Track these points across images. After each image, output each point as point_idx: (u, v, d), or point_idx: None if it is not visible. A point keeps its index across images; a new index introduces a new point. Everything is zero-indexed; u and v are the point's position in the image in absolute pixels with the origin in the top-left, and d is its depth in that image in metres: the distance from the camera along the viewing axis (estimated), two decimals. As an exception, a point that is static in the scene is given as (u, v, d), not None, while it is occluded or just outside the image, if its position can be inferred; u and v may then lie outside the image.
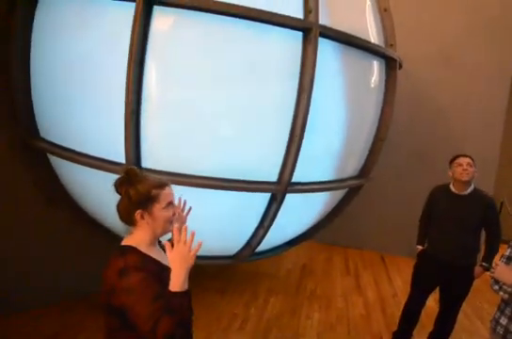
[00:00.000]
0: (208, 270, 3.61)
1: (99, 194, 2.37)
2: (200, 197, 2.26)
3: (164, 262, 1.18)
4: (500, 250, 2.28)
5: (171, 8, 2.01)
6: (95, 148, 2.27)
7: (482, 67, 4.12)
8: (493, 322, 1.57)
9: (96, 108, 2.18)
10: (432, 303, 2.62)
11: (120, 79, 2.00)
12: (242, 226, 2.45)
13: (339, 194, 2.80)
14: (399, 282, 3.73)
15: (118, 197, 1.19)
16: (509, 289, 1.45)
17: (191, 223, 2.34)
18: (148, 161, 2.18)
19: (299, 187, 2.31)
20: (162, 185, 1.18)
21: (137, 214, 1.15)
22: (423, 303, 2.50)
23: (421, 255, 2.50)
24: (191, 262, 1.07)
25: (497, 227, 2.31)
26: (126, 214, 1.17)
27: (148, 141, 2.15)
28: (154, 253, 1.19)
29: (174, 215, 1.21)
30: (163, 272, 1.13)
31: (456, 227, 2.28)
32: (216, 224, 2.37)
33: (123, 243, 1.18)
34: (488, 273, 1.65)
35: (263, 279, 3.66)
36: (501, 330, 1.51)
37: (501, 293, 1.49)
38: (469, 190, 2.29)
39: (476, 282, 2.38)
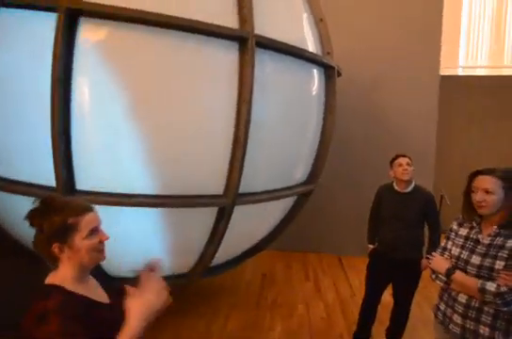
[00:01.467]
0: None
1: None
2: (145, 216, 2.18)
3: (96, 297, 1.08)
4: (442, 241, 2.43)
5: (100, 19, 1.94)
6: (23, 172, 2.11)
7: (413, 68, 4.41)
8: (435, 308, 1.67)
9: (23, 127, 2.03)
10: (389, 298, 2.71)
11: (47, 97, 1.88)
12: (191, 243, 2.39)
13: (289, 201, 2.84)
14: (357, 283, 3.85)
15: None
16: (444, 278, 1.54)
17: (137, 242, 2.27)
18: (83, 183, 2.06)
19: (247, 199, 2.30)
20: (81, 212, 1.07)
21: (54, 248, 1.03)
22: (378, 300, 2.61)
23: (372, 254, 2.62)
24: (150, 318, 0.95)
25: (437, 220, 2.49)
26: (43, 249, 1.05)
27: (81, 161, 2.03)
28: (84, 289, 1.07)
29: (102, 241, 1.10)
30: (94, 311, 1.03)
31: (402, 223, 2.42)
32: (164, 243, 2.29)
33: (47, 281, 1.06)
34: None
35: (223, 294, 3.59)
36: (440, 316, 1.60)
37: (437, 281, 1.60)
38: (410, 188, 2.44)
39: (426, 274, 2.51)
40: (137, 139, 2.03)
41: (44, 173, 2.00)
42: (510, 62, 5.88)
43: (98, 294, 1.12)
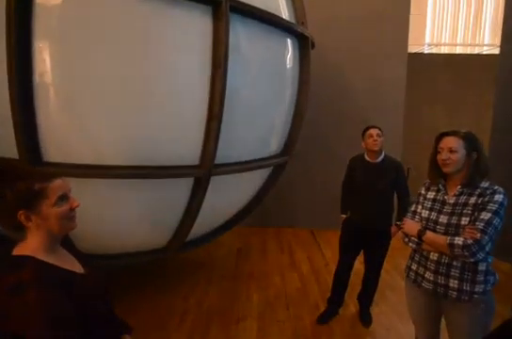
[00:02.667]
0: (142, 268, 3.45)
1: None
2: (118, 189, 2.12)
3: (69, 267, 1.03)
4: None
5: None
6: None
7: (383, 42, 4.54)
8: (406, 269, 1.78)
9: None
10: (359, 266, 2.86)
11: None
12: (167, 216, 2.37)
13: (264, 173, 2.86)
14: (330, 254, 4.01)
15: None
16: (415, 240, 1.63)
17: (111, 217, 2.22)
18: (50, 154, 1.96)
19: (223, 169, 2.29)
20: (48, 178, 1.01)
21: (20, 215, 0.96)
22: (350, 267, 2.74)
23: (344, 223, 2.73)
24: None
25: (406, 188, 2.62)
26: (6, 218, 0.98)
27: (48, 131, 1.92)
28: (56, 259, 1.01)
29: (72, 208, 1.04)
30: (70, 280, 0.99)
31: (374, 193, 2.53)
32: (140, 217, 2.25)
33: (15, 253, 0.98)
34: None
35: (199, 269, 3.63)
36: (412, 275, 1.71)
37: (410, 244, 1.69)
38: (380, 158, 2.54)
39: (394, 242, 2.65)
40: (109, 109, 1.94)
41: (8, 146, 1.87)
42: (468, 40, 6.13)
43: (71, 264, 1.07)
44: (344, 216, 2.75)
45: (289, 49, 2.67)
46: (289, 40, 2.66)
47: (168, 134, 2.09)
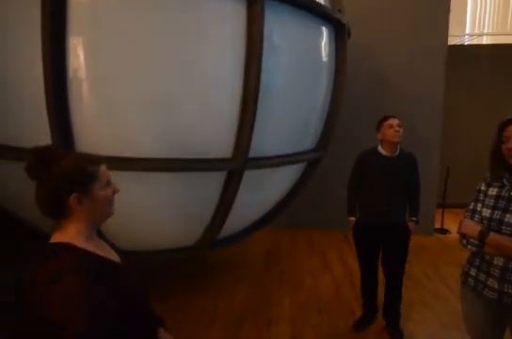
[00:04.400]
0: (169, 268, 3.43)
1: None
2: (149, 182, 2.08)
3: (108, 256, 1.00)
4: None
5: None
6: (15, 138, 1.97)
7: (422, 35, 4.34)
8: (464, 275, 1.61)
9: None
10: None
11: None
12: (199, 211, 2.32)
13: (299, 169, 2.75)
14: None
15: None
16: (476, 242, 1.47)
17: (142, 213, 2.18)
18: (82, 146, 1.94)
19: (257, 163, 2.20)
20: (98, 161, 0.99)
21: (73, 198, 0.93)
22: (376, 270, 2.53)
23: (355, 227, 2.50)
24: None
25: (418, 182, 2.43)
26: (53, 202, 0.94)
27: (81, 124, 1.91)
28: (95, 247, 0.98)
29: (114, 193, 1.03)
30: (109, 269, 0.96)
31: (389, 188, 2.33)
32: (170, 212, 2.20)
33: (53, 240, 0.95)
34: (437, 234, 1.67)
35: (228, 269, 3.56)
36: (471, 282, 1.55)
37: (469, 246, 1.53)
38: (397, 151, 2.34)
39: (431, 245, 2.46)
40: (142, 101, 1.91)
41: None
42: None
43: (108, 252, 1.04)
44: (352, 218, 2.51)
45: (325, 37, 2.56)
46: (325, 28, 2.55)
47: (201, 126, 2.04)
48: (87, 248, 0.94)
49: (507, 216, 1.43)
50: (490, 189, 1.55)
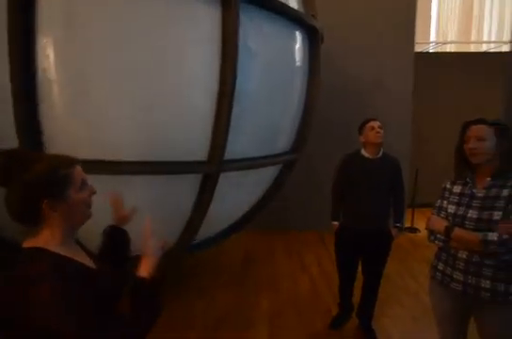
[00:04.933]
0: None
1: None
2: (123, 186, 2.04)
3: (83, 261, 0.98)
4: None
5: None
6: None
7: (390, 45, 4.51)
8: (432, 270, 1.69)
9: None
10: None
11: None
12: (173, 215, 2.29)
13: (274, 171, 2.79)
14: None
15: None
16: (442, 237, 1.55)
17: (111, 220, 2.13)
18: (53, 149, 1.88)
19: (233, 165, 2.22)
20: (72, 163, 0.96)
21: (45, 204, 0.89)
22: (354, 278, 2.55)
23: (339, 231, 2.50)
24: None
25: (403, 187, 2.48)
26: (24, 209, 0.90)
27: (52, 126, 1.85)
28: (69, 252, 0.95)
29: (92, 194, 1.00)
30: (83, 275, 0.93)
31: (372, 191, 2.35)
32: (145, 216, 2.16)
33: (26, 245, 0.92)
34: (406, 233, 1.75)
35: (205, 274, 3.54)
36: (439, 276, 1.63)
37: (436, 242, 1.61)
38: (380, 153, 2.38)
39: (405, 244, 2.55)
40: (115, 103, 1.88)
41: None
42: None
43: (83, 258, 1.01)
44: (335, 223, 2.51)
45: (299, 42, 2.62)
46: (299, 33, 2.61)
47: (176, 129, 2.03)
48: (60, 252, 0.92)
49: (470, 211, 1.52)
50: (455, 187, 1.64)
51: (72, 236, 1.00)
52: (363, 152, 2.39)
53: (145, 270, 1.03)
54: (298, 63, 2.65)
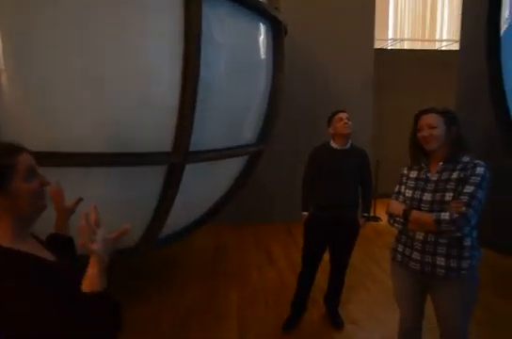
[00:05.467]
0: (113, 269, 3.26)
1: None
2: (85, 178, 1.96)
3: (41, 255, 0.92)
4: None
5: None
6: None
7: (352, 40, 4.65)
8: (392, 252, 1.78)
9: None
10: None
11: None
12: (138, 209, 2.24)
13: (240, 163, 2.80)
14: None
15: None
16: (401, 220, 1.64)
17: (75, 211, 2.05)
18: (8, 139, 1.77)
19: (198, 156, 2.20)
20: (16, 151, 0.89)
21: None
22: (316, 269, 2.58)
23: (308, 221, 2.52)
24: (106, 255, 0.89)
25: (371, 177, 2.58)
26: None
27: (13, 120, 1.74)
28: (28, 248, 0.89)
29: (43, 185, 0.93)
30: (44, 268, 0.88)
31: (341, 182, 2.42)
32: (107, 210, 2.09)
33: None
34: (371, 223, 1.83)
35: (174, 268, 3.50)
36: (399, 257, 1.73)
37: (396, 225, 1.70)
38: (348, 144, 2.45)
39: (367, 232, 2.64)
40: (75, 94, 1.80)
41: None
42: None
43: (41, 252, 0.95)
44: (305, 213, 2.53)
45: (262, 33, 2.64)
46: (262, 24, 2.62)
47: (140, 120, 1.98)
48: (13, 247, 0.85)
49: (425, 194, 1.62)
50: (411, 172, 1.74)
51: (26, 230, 0.94)
52: (332, 143, 2.44)
53: (89, 283, 0.86)
54: (262, 54, 2.67)
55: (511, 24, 2.37)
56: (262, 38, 2.65)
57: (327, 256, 2.58)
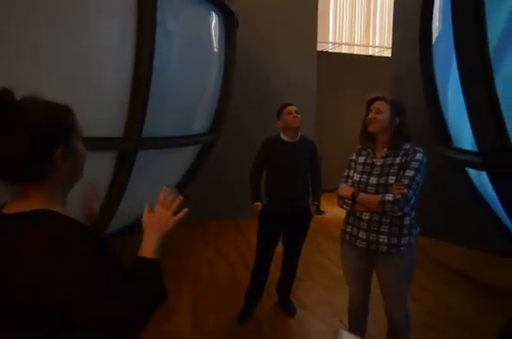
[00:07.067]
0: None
1: None
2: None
3: None
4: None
5: None
6: None
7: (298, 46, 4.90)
8: (342, 233, 1.92)
9: None
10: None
11: None
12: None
13: (192, 152, 2.78)
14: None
15: None
16: (349, 202, 1.78)
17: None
18: None
19: (151, 143, 2.16)
20: (72, 111, 0.83)
21: (58, 153, 0.76)
22: (271, 259, 2.62)
23: (262, 212, 2.56)
24: (166, 230, 0.91)
25: (320, 168, 2.71)
26: (29, 159, 0.73)
27: None
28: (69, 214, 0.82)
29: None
30: (97, 238, 0.81)
31: (292, 173, 2.50)
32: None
33: (15, 210, 0.75)
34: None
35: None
36: (347, 237, 1.88)
37: (344, 206, 1.84)
38: (298, 137, 2.54)
39: (313, 225, 2.76)
40: (26, 78, 1.66)
41: None
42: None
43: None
44: (258, 203, 2.58)
45: (214, 23, 2.67)
46: (215, 14, 2.65)
47: (90, 103, 1.88)
48: (69, 215, 0.78)
49: (371, 178, 1.78)
50: (359, 158, 1.89)
51: (65, 199, 0.85)
52: (282, 136, 2.50)
53: (147, 249, 0.90)
54: (214, 44, 2.70)
55: (441, 33, 2.59)
56: (214, 26, 2.68)
57: (279, 248, 2.65)
